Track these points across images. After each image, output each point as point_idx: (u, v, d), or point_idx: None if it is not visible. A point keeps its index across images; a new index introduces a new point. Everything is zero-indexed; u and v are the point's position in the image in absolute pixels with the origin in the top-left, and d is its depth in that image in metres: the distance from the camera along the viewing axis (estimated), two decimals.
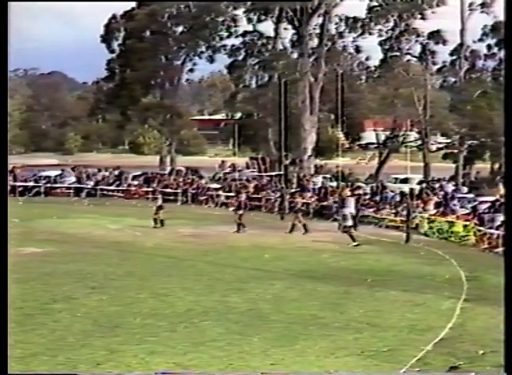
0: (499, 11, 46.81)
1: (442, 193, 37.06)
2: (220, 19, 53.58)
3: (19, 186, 47.16)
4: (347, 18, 51.56)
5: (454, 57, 52.09)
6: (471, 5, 49.81)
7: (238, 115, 57.30)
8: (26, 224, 30.72)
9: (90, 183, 48.59)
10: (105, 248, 25.94)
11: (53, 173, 51.58)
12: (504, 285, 10.07)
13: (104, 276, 20.48)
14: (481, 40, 50.79)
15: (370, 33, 51.81)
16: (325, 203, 37.68)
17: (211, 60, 55.36)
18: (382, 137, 57.63)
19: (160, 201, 33.43)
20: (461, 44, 51.28)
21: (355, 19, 51.42)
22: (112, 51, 56.92)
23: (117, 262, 23.11)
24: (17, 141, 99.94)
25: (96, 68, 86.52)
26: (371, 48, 52.92)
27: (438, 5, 50.25)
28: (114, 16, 56.60)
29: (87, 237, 28.63)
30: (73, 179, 50.05)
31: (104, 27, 56.72)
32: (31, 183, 48.91)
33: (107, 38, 56.73)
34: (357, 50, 53.29)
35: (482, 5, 49.40)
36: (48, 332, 14.57)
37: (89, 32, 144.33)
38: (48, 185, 48.87)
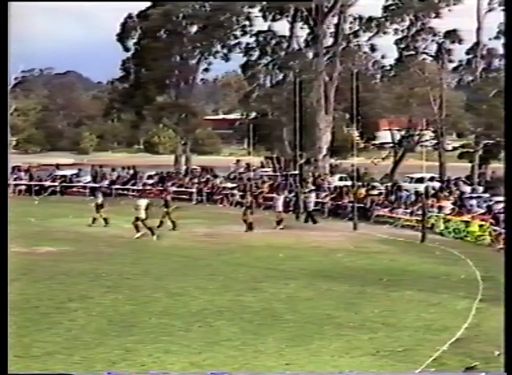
0: None
1: (457, 192, 36.90)
2: (235, 18, 53.57)
3: (35, 185, 47.35)
4: (362, 17, 51.41)
5: (470, 56, 51.84)
6: (489, 3, 49.53)
7: (253, 114, 57.20)
8: (41, 223, 30.85)
9: (105, 183, 48.69)
10: (120, 248, 26.01)
11: (69, 172, 51.76)
12: (504, 285, 10.02)
13: (120, 276, 20.53)
14: (497, 38, 50.49)
15: (385, 33, 51.61)
16: (340, 202, 37.59)
17: (226, 59, 55.37)
18: (397, 137, 57.45)
19: (100, 199, 32.39)
20: (477, 43, 51.04)
21: (370, 19, 51.24)
22: (127, 51, 57.04)
23: (132, 261, 23.17)
24: (33, 141, 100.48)
25: (111, 68, 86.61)
26: (387, 48, 52.80)
27: (454, 4, 49.99)
28: (129, 16, 56.65)
29: (102, 237, 28.71)
30: (89, 178, 50.21)
31: (120, 27, 56.82)
32: (47, 183, 49.10)
33: (122, 38, 56.80)
34: (373, 49, 53.13)
35: (501, 3, 49.11)
36: (64, 331, 14.63)
37: (103, 32, 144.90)
38: (64, 184, 49.03)
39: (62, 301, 17.15)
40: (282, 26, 52.70)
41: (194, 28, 55.54)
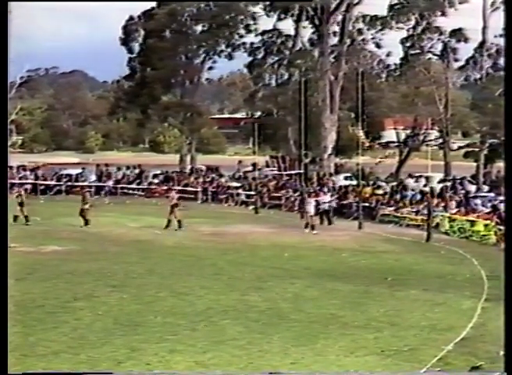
0: None
1: (463, 192, 36.87)
2: (240, 17, 53.59)
3: (41, 184, 47.41)
4: (368, 16, 51.33)
5: (476, 55, 51.75)
6: (494, 2, 49.44)
7: (258, 113, 57.25)
8: (47, 222, 30.90)
9: (111, 182, 48.75)
10: (126, 247, 26.04)
11: (74, 171, 51.82)
12: (504, 285, 10.02)
13: (125, 275, 20.57)
14: (503, 36, 50.38)
15: (391, 31, 51.56)
16: (345, 202, 37.56)
17: (230, 57, 55.39)
18: (403, 136, 57.39)
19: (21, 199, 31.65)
20: (483, 42, 50.95)
21: (376, 18, 51.17)
22: (132, 51, 57.11)
23: (137, 260, 23.20)
24: (38, 140, 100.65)
25: (116, 67, 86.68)
26: (392, 47, 52.71)
27: (460, 3, 49.89)
28: (130, 18, 56.78)
29: (107, 236, 28.75)
30: (94, 177, 50.26)
31: (125, 26, 56.90)
32: (53, 182, 49.16)
33: (127, 37, 56.91)
34: (378, 48, 53.07)
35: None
36: (70, 330, 14.67)
37: (109, 31, 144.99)
38: (69, 184, 49.11)
39: (67, 301, 17.18)
40: (287, 26, 52.75)
41: (199, 27, 55.58)
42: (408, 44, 52.05)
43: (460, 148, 55.38)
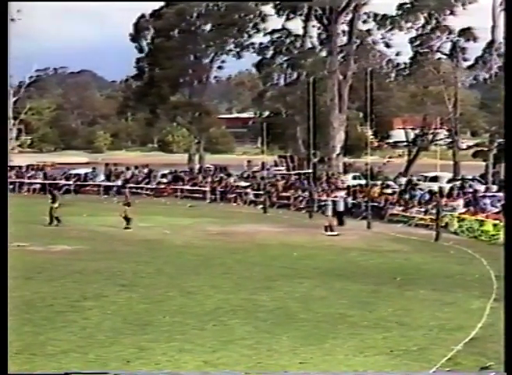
0: None
1: (471, 191, 36.75)
2: (249, 17, 53.61)
3: (50, 184, 47.51)
4: (376, 16, 51.26)
5: (485, 54, 51.60)
6: (502, 3, 49.26)
7: (266, 113, 57.27)
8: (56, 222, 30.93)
9: (119, 182, 48.82)
10: (135, 246, 26.07)
11: (83, 170, 51.94)
12: (504, 284, 9.98)
13: (134, 274, 20.60)
14: None
15: (400, 31, 51.45)
16: (354, 201, 37.48)
17: (239, 56, 55.42)
18: (412, 136, 57.33)
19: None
20: (492, 42, 50.80)
21: (384, 17, 51.10)
22: (141, 51, 57.22)
23: (146, 259, 23.22)
24: (47, 139, 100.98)
25: (125, 67, 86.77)
26: (401, 46, 52.62)
27: (470, 3, 49.73)
28: (143, 15, 56.86)
29: (116, 235, 28.80)
30: (103, 177, 50.37)
31: (133, 26, 57.01)
32: (61, 181, 49.27)
33: (136, 37, 57.00)
34: (387, 47, 52.99)
35: None
36: (79, 329, 14.69)
37: (117, 30, 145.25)
38: (78, 183, 49.23)
39: (76, 300, 17.22)
40: (295, 25, 52.73)
41: (208, 27, 55.62)
42: (417, 44, 51.94)
43: (468, 147, 55.31)
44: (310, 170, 44.65)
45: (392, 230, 31.57)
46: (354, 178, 45.92)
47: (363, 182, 40.82)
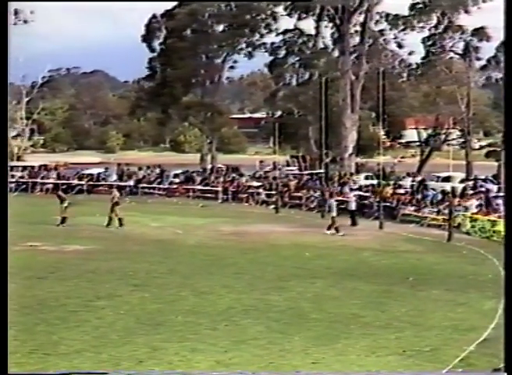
0: None
1: (484, 191, 36.62)
2: (261, 17, 53.64)
3: (62, 184, 47.68)
4: (389, 15, 51.15)
5: (498, 54, 51.40)
6: None
7: (278, 113, 57.29)
8: (69, 222, 31.04)
9: (132, 182, 48.93)
10: (147, 246, 26.12)
11: (95, 170, 52.09)
12: (504, 284, 9.93)
13: (147, 274, 20.64)
14: None
15: (412, 31, 51.33)
16: (365, 201, 37.44)
17: (251, 56, 55.46)
18: (424, 136, 57.21)
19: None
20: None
21: (397, 17, 50.98)
22: (152, 51, 57.37)
23: (159, 259, 23.27)
24: (60, 140, 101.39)
25: (137, 67, 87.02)
26: (414, 46, 52.49)
27: (483, 1, 49.49)
28: (153, 16, 57.02)
29: (129, 235, 28.86)
30: (115, 177, 50.49)
31: (146, 26, 57.17)
32: (74, 181, 49.44)
33: (148, 37, 57.16)
34: (399, 47, 52.88)
35: None
36: (92, 329, 14.74)
37: (130, 31, 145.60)
38: (91, 183, 49.37)
39: (89, 300, 17.27)
40: (308, 25, 52.72)
41: (220, 27, 55.70)
42: (430, 43, 51.80)
43: (481, 147, 55.16)
44: (322, 170, 44.64)
45: (404, 230, 31.51)
46: (367, 178, 45.83)
47: (375, 182, 40.77)
